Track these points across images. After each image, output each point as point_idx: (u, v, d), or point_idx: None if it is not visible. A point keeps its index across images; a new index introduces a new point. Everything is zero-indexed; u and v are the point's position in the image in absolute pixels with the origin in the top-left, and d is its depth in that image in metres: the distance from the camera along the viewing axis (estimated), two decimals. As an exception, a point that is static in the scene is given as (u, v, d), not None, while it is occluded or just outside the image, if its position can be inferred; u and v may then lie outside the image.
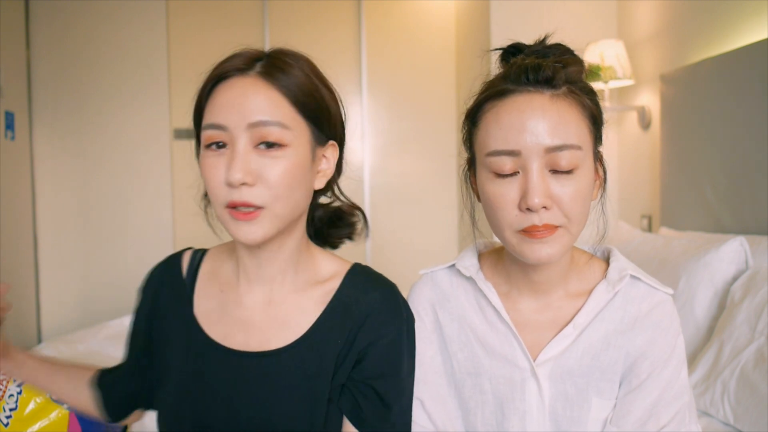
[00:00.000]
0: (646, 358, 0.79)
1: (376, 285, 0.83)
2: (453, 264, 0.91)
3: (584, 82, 0.77)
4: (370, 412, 0.79)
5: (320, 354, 0.79)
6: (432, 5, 3.39)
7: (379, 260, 3.37)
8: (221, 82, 0.73)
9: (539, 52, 0.79)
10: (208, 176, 0.73)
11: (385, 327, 0.79)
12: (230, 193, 0.71)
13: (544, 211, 0.72)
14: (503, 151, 0.73)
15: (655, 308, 0.81)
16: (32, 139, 3.02)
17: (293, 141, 0.72)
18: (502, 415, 0.82)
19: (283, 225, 0.75)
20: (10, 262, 2.70)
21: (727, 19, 2.04)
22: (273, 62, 0.74)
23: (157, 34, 3.10)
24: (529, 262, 0.77)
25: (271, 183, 0.71)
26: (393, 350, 0.80)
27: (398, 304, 0.82)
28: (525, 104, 0.73)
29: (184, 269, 0.87)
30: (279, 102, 0.72)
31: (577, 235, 0.76)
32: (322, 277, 0.84)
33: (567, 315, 0.82)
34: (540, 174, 0.72)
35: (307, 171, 0.75)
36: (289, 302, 0.82)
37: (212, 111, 0.72)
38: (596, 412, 0.80)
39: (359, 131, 3.34)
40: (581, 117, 0.74)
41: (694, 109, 2.12)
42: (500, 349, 0.83)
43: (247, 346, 0.79)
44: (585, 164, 0.74)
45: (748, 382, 1.32)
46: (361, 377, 0.79)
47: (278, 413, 0.78)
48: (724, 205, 1.97)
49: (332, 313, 0.81)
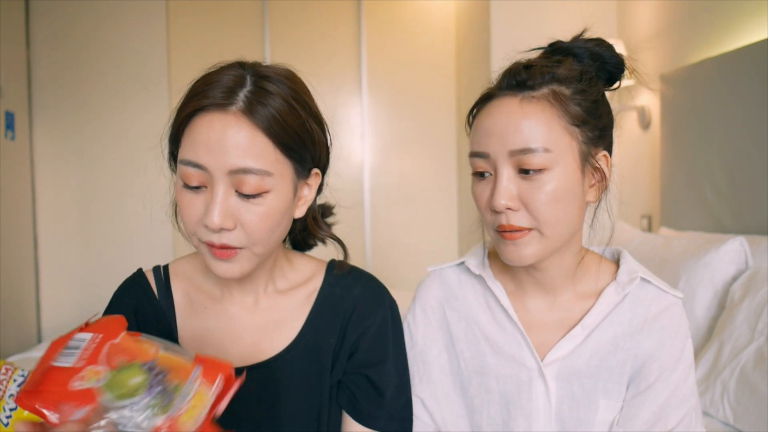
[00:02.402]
0: (655, 361, 0.79)
1: (357, 279, 0.85)
2: (462, 261, 0.91)
3: (577, 83, 0.76)
4: (365, 401, 0.80)
5: (316, 354, 0.80)
6: (432, 5, 3.39)
7: (379, 260, 3.37)
8: (200, 114, 0.68)
9: (563, 50, 0.79)
10: (185, 213, 0.70)
11: (371, 317, 0.82)
12: (208, 235, 0.68)
13: (511, 213, 0.74)
14: (476, 153, 0.77)
15: (664, 311, 0.81)
16: (32, 139, 3.02)
17: (275, 185, 0.69)
18: (507, 414, 0.83)
19: (262, 261, 0.75)
20: (10, 262, 2.70)
21: (727, 19, 2.04)
22: (255, 94, 0.69)
23: (157, 34, 3.10)
24: (506, 263, 0.79)
25: (250, 229, 0.68)
26: (380, 337, 0.82)
27: (381, 293, 0.85)
28: (496, 108, 0.76)
29: (154, 290, 0.82)
30: (263, 145, 0.68)
31: (558, 238, 0.76)
32: (302, 278, 0.85)
33: (575, 316, 0.83)
34: (507, 176, 0.74)
35: (287, 208, 0.73)
36: (275, 307, 0.82)
37: (191, 146, 0.68)
38: (603, 413, 0.80)
39: (359, 131, 3.34)
40: (556, 119, 0.73)
41: (694, 109, 2.12)
42: (507, 349, 0.84)
43: (242, 360, 0.79)
44: (558, 167, 0.73)
45: (748, 382, 1.32)
46: (354, 368, 0.81)
47: (285, 419, 0.78)
48: (724, 205, 1.97)
49: (320, 312, 0.82)
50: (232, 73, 0.70)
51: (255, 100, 0.68)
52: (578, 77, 0.76)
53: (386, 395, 0.81)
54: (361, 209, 3.36)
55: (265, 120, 0.68)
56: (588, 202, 0.79)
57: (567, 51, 0.80)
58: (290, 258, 0.86)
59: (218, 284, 0.82)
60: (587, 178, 0.77)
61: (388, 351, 0.83)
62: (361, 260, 3.36)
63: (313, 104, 0.77)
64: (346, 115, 3.31)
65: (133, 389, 0.54)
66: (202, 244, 0.70)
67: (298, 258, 0.87)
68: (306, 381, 0.79)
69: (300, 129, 0.72)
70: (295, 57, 3.21)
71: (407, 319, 0.91)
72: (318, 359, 0.80)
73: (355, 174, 3.34)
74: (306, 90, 0.77)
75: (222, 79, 0.69)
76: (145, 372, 0.55)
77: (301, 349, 0.80)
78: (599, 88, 0.79)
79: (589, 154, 0.76)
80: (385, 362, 0.82)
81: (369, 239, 3.38)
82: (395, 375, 0.83)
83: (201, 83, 0.71)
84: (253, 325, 0.81)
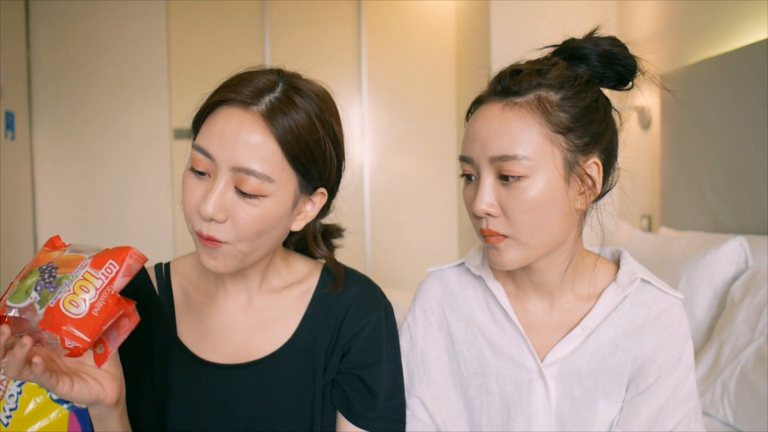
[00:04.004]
0: (654, 362, 0.79)
1: (352, 280, 0.86)
2: (462, 262, 0.92)
3: (568, 88, 0.74)
4: (358, 401, 0.81)
5: (310, 353, 0.81)
6: (432, 5, 3.39)
7: (379, 260, 3.37)
8: (223, 106, 0.70)
9: (569, 50, 0.78)
10: (186, 195, 0.72)
11: (364, 318, 0.83)
12: (200, 223, 0.70)
13: (490, 218, 0.75)
14: (462, 157, 0.78)
15: (664, 312, 0.80)
16: (32, 139, 3.02)
17: (274, 192, 0.70)
18: (507, 415, 0.83)
19: (249, 262, 0.74)
20: (10, 262, 2.70)
21: (727, 19, 2.04)
22: (280, 102, 0.70)
23: (157, 34, 3.10)
24: (492, 266, 0.80)
25: (239, 226, 0.69)
26: (374, 339, 0.83)
27: (375, 295, 0.86)
28: (481, 113, 0.76)
29: (155, 286, 0.83)
30: (271, 151, 0.69)
31: (539, 246, 0.75)
32: (297, 277, 0.85)
33: (575, 317, 0.82)
34: (488, 182, 0.74)
35: (283, 218, 0.73)
36: (269, 306, 0.82)
37: (206, 134, 0.70)
38: (603, 414, 0.80)
39: (359, 131, 3.34)
40: (537, 126, 0.72)
41: (694, 109, 2.12)
42: (507, 350, 0.84)
43: (236, 357, 0.79)
44: (538, 175, 0.72)
45: (747, 382, 1.32)
46: (348, 368, 0.81)
47: (278, 417, 0.79)
48: (724, 205, 1.97)
49: (315, 313, 0.82)
50: (267, 77, 0.72)
51: (278, 107, 0.70)
52: (570, 82, 0.74)
53: (379, 397, 0.81)
54: (361, 209, 3.36)
55: (280, 128, 0.69)
56: (577, 210, 0.77)
57: (574, 51, 0.78)
58: (286, 257, 0.86)
59: (213, 281, 0.83)
60: (573, 186, 0.75)
61: (381, 353, 0.83)
62: (361, 260, 3.36)
63: (337, 127, 0.77)
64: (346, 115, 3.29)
65: (25, 290, 0.60)
66: (195, 232, 0.72)
67: (295, 258, 0.88)
68: (300, 380, 0.80)
69: (313, 145, 0.72)
70: (295, 57, 3.22)
71: (407, 320, 0.91)
72: (312, 358, 0.81)
73: (355, 174, 3.34)
74: (334, 111, 0.78)
75: (255, 80, 0.71)
76: (38, 273, 0.61)
77: (296, 349, 0.80)
78: (594, 92, 0.77)
79: (576, 162, 0.74)
80: (378, 364, 0.82)
81: (369, 239, 3.38)
82: (388, 377, 0.83)
83: (236, 78, 0.73)
84: (247, 323, 0.81)
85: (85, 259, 0.62)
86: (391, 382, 0.84)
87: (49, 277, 0.60)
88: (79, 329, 0.59)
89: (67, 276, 0.61)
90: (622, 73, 0.80)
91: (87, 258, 0.62)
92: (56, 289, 0.60)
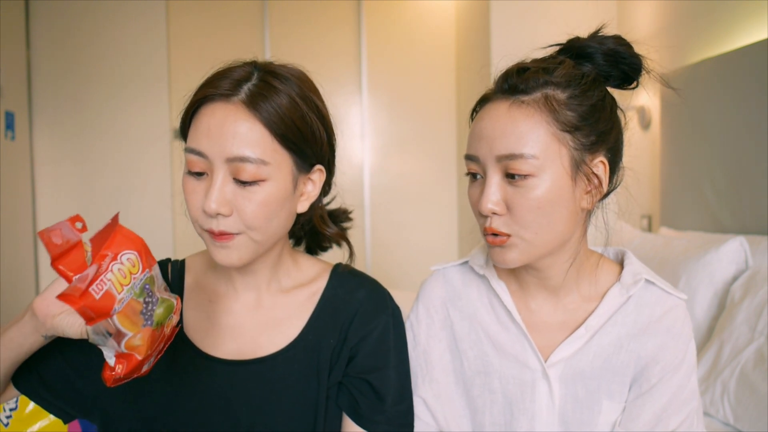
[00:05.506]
0: (658, 362, 0.79)
1: (361, 283, 0.86)
2: (466, 261, 0.91)
3: (575, 86, 0.74)
4: (366, 405, 0.81)
5: (315, 354, 0.81)
6: (432, 5, 3.39)
7: (379, 260, 3.37)
8: (206, 104, 0.72)
9: (574, 49, 0.78)
10: (188, 199, 0.73)
11: (373, 322, 0.83)
12: (208, 221, 0.71)
13: (495, 217, 0.75)
14: (468, 156, 0.78)
15: (667, 313, 0.80)
16: (32, 139, 3.02)
17: (272, 174, 0.71)
18: (510, 415, 0.83)
19: (262, 249, 0.76)
20: (10, 262, 2.70)
21: (727, 19, 2.04)
22: (259, 88, 0.72)
23: (157, 34, 3.10)
24: (494, 265, 0.80)
25: (246, 215, 0.71)
26: (382, 343, 0.83)
27: (384, 299, 0.86)
28: (487, 112, 0.76)
29: (169, 280, 0.85)
30: (260, 135, 0.70)
31: (543, 245, 0.75)
32: (307, 278, 0.86)
33: (579, 317, 0.82)
34: (494, 180, 0.74)
35: (286, 200, 0.74)
36: (277, 306, 0.83)
37: (194, 135, 0.72)
38: (606, 414, 0.80)
39: (359, 131, 3.34)
40: (544, 125, 0.72)
41: (694, 109, 2.12)
42: (511, 349, 0.84)
43: (240, 354, 0.80)
44: (545, 173, 0.72)
45: (747, 382, 1.33)
46: (355, 372, 0.81)
47: (280, 417, 0.78)
48: (724, 205, 1.97)
49: (322, 314, 0.83)
50: (242, 69, 0.74)
51: (257, 92, 0.71)
52: (577, 80, 0.74)
53: (387, 401, 0.81)
54: (361, 209, 3.36)
55: (264, 111, 0.70)
56: (583, 209, 0.77)
57: (579, 50, 0.78)
58: (296, 258, 0.87)
59: (223, 279, 0.83)
60: (580, 184, 0.75)
61: (389, 357, 0.83)
62: (361, 260, 3.36)
63: (319, 102, 0.78)
64: (346, 115, 3.31)
65: (141, 288, 0.61)
66: (204, 232, 0.73)
67: (304, 259, 0.88)
68: (303, 380, 0.80)
69: (300, 122, 0.73)
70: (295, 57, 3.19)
71: (410, 319, 0.91)
72: (317, 360, 0.81)
73: (355, 174, 3.34)
74: (314, 89, 0.79)
75: (231, 73, 0.73)
76: (148, 280, 0.63)
77: (301, 349, 0.80)
78: (601, 90, 0.77)
79: (582, 161, 0.74)
80: (386, 368, 0.82)
81: (369, 239, 3.38)
82: (396, 381, 0.83)
83: (212, 76, 0.74)
84: (255, 321, 0.82)
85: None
86: (400, 386, 0.83)
87: (150, 294, 0.62)
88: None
89: (165, 302, 0.64)
90: (628, 71, 0.79)
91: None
92: (157, 307, 0.63)
